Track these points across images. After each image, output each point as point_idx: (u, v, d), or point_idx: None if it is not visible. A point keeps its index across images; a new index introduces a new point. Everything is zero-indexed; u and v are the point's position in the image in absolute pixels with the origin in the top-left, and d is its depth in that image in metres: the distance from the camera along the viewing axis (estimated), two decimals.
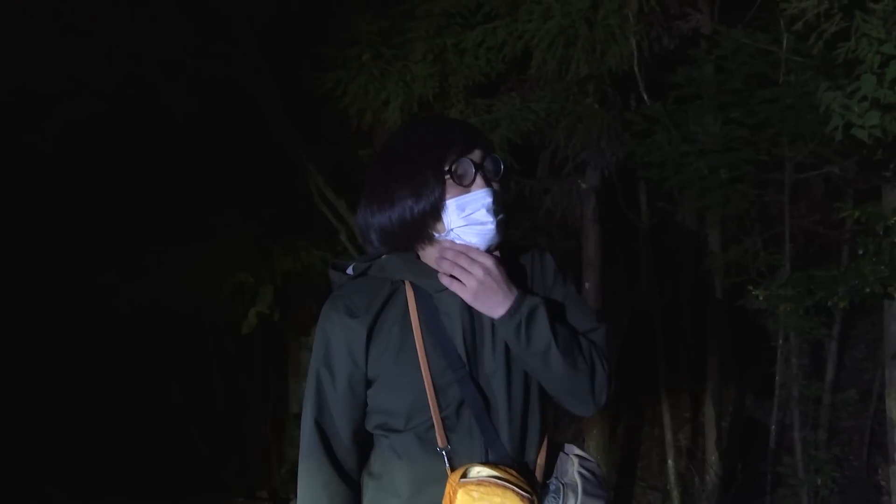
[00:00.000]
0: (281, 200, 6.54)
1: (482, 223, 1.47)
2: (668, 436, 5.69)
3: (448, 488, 1.42)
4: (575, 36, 4.28)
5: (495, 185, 1.51)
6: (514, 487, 1.41)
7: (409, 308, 1.50)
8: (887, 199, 4.51)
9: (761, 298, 4.23)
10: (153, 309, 7.04)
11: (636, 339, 6.56)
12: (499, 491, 1.39)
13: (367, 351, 1.51)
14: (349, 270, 1.60)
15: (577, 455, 1.59)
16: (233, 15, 5.40)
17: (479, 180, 1.48)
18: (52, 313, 7.42)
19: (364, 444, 1.58)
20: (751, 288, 4.34)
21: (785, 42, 4.08)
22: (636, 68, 4.44)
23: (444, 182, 1.47)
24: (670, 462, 5.59)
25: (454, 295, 1.49)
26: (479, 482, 1.40)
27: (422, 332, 1.49)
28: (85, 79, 4.84)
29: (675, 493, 5.54)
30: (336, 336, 1.52)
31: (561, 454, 1.60)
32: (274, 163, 6.43)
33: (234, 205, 6.37)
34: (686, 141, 4.49)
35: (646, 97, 4.59)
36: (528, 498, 1.41)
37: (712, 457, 5.58)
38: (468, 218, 1.47)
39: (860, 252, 3.39)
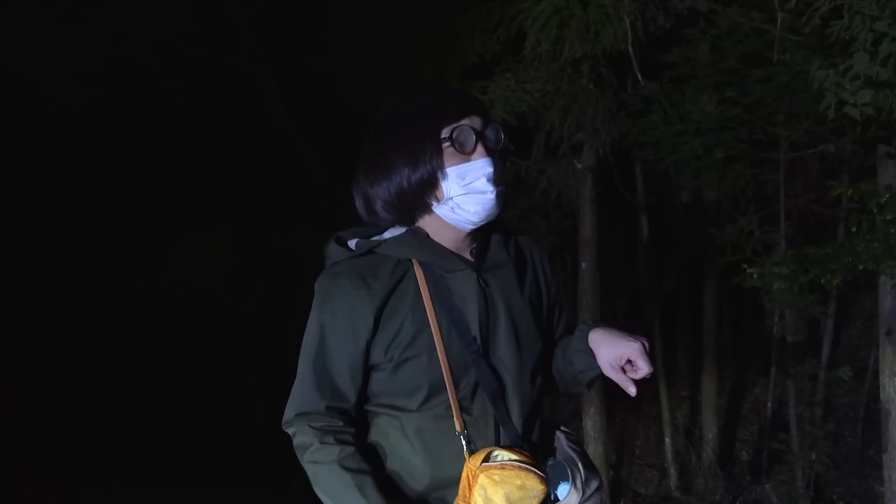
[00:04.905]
0: (278, 184, 6.54)
1: (482, 192, 1.45)
2: (666, 414, 5.72)
3: (467, 471, 1.43)
4: (569, 16, 4.25)
5: (496, 155, 1.48)
6: (533, 469, 1.44)
7: (421, 290, 1.47)
8: (882, 176, 4.51)
9: (756, 276, 4.25)
10: (155, 295, 7.06)
11: (634, 318, 6.59)
12: (521, 474, 1.42)
13: (373, 335, 1.46)
14: (351, 246, 1.53)
15: (561, 431, 1.63)
16: (228, 1, 5.37)
17: (479, 149, 1.46)
18: (58, 304, 7.43)
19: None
20: (745, 266, 4.36)
21: (780, 21, 4.06)
22: (631, 48, 4.42)
23: (441, 150, 1.45)
24: (668, 440, 5.63)
25: (468, 276, 1.49)
26: (502, 466, 1.42)
27: (436, 314, 1.46)
28: (78, 65, 4.82)
29: (672, 471, 5.58)
30: (341, 312, 1.46)
31: (557, 432, 1.62)
32: (271, 146, 6.42)
33: (232, 190, 6.37)
34: (681, 120, 4.49)
35: (640, 77, 4.57)
36: (544, 478, 1.45)
37: (709, 434, 5.62)
38: (468, 187, 1.45)
39: (854, 230, 3.39)
